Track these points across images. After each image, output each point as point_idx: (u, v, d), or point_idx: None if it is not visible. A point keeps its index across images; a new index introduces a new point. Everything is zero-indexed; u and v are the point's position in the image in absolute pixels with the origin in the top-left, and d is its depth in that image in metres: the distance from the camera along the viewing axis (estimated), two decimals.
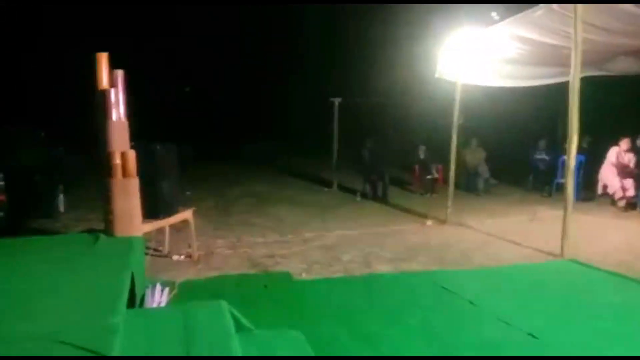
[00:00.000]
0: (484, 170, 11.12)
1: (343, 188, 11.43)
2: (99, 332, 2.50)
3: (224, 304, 3.23)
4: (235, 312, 3.33)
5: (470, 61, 8.08)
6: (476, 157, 11.26)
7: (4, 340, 2.43)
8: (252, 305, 4.25)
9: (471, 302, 4.40)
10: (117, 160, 4.64)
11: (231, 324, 3.09)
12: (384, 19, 17.82)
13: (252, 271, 5.53)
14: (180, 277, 5.18)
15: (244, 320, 3.36)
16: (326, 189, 11.60)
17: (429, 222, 7.98)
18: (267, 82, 20.39)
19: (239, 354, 2.70)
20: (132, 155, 4.71)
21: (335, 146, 11.78)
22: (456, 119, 8.23)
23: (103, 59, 4.78)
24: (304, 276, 5.32)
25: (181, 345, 2.68)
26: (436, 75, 8.50)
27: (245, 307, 3.67)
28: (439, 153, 10.39)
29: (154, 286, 4.28)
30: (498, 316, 4.08)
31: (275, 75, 20.26)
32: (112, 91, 4.69)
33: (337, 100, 11.70)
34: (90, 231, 4.86)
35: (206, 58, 20.14)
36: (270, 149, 17.58)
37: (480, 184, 10.96)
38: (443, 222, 7.97)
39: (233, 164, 15.93)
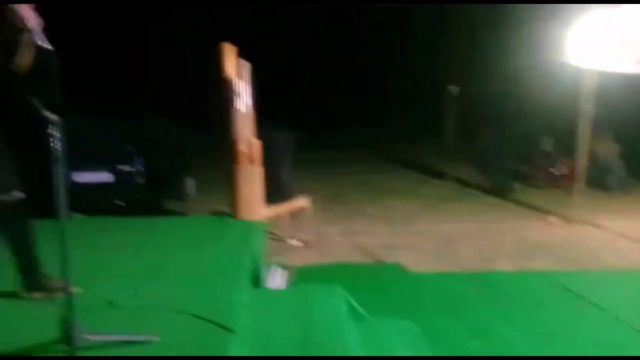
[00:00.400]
0: (617, 165, 10.27)
1: (459, 180, 11.13)
2: (224, 306, 2.69)
3: (339, 290, 3.32)
4: (350, 299, 3.41)
5: (606, 45, 7.45)
6: (608, 150, 10.42)
7: (139, 307, 2.69)
8: (364, 294, 4.30)
9: (596, 304, 4.14)
10: (243, 148, 4.90)
11: (346, 310, 3.18)
12: None
13: (365, 260, 5.60)
14: (297, 262, 5.37)
15: (358, 308, 3.44)
16: (440, 180, 11.37)
17: (552, 219, 7.55)
18: (376, 66, 20.04)
19: (355, 339, 2.78)
20: (256, 143, 4.96)
21: (449, 136, 11.47)
22: (586, 108, 7.67)
23: (229, 50, 5.04)
24: (418, 268, 5.29)
25: (299, 326, 2.80)
26: (563, 60, 7.93)
27: (358, 295, 3.72)
28: (565, 145, 9.75)
29: (273, 268, 4.50)
30: (624, 320, 3.80)
31: (385, 59, 19.89)
32: (239, 81, 4.95)
33: (455, 89, 11.36)
34: (217, 213, 5.21)
35: (313, 43, 20.13)
36: (380, 135, 17.39)
37: (613, 181, 10.14)
38: (568, 219, 7.50)
39: (341, 150, 16.00)
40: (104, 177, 6.93)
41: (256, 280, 3.89)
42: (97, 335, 2.20)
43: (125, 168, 7.25)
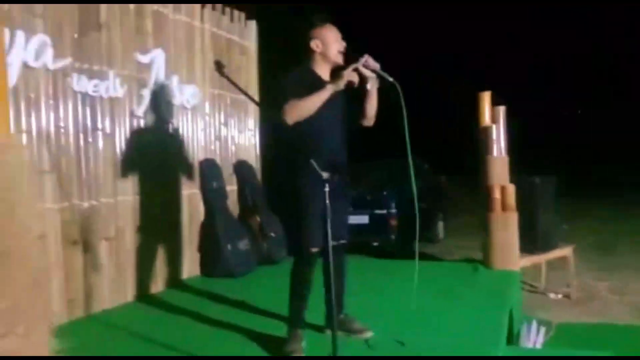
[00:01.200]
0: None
1: None
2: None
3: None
4: None
5: None
6: None
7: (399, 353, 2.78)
8: None
9: None
10: (497, 195, 4.77)
11: None
12: None
13: (637, 321, 4.84)
14: (557, 318, 4.92)
15: None
16: None
17: None
18: None
19: None
20: (511, 189, 4.77)
21: None
22: None
23: (486, 97, 5.01)
24: None
25: None
26: None
27: None
28: None
29: (530, 324, 4.20)
30: None
31: None
32: (494, 127, 4.87)
33: None
34: (470, 261, 5.12)
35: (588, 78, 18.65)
36: None
37: None
38: None
39: (616, 195, 14.23)
40: (359, 218, 7.43)
41: (511, 336, 3.68)
42: None
43: (381, 211, 7.68)
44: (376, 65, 2.84)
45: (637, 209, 12.08)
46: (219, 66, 2.78)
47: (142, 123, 4.24)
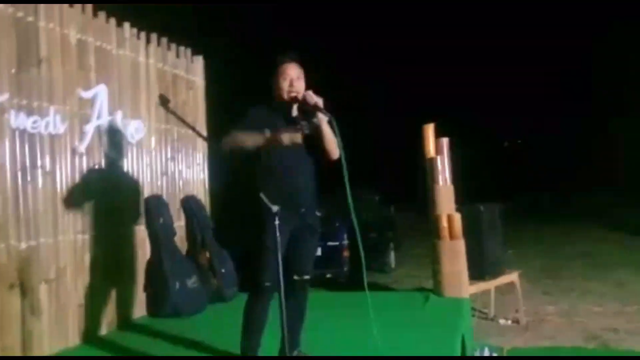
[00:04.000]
0: None
1: None
2: None
3: None
4: None
5: None
6: None
7: None
8: None
9: None
10: (444, 223, 4.86)
11: None
12: None
13: (589, 346, 4.97)
14: (508, 344, 5.00)
15: None
16: None
17: None
18: (592, 125, 18.51)
19: None
20: (457, 218, 4.88)
21: None
22: None
23: (429, 130, 5.15)
24: None
25: None
26: None
27: None
28: None
29: (482, 350, 4.25)
30: None
31: (602, 115, 18.28)
32: (439, 158, 4.99)
33: None
34: (420, 289, 5.17)
35: (525, 108, 19.53)
36: (603, 201, 15.69)
37: None
38: None
39: (559, 220, 14.79)
40: None
41: None
42: None
43: (333, 243, 7.68)
44: (314, 101, 2.87)
45: (581, 232, 12.56)
46: (163, 100, 2.77)
47: (84, 160, 4.12)
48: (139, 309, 4.63)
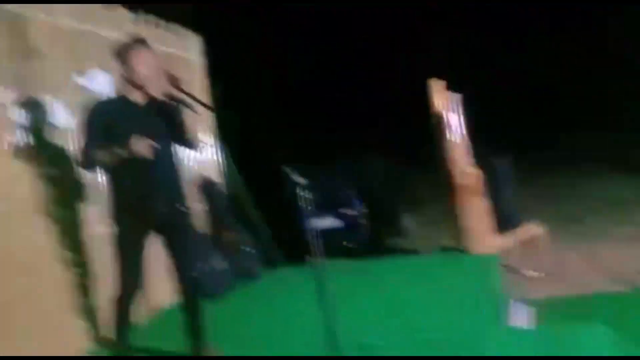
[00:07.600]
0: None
1: None
2: (478, 346, 2.58)
3: (602, 329, 2.95)
4: (615, 338, 3.00)
5: None
6: None
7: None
8: (630, 330, 3.73)
9: None
10: (461, 180, 4.78)
11: (613, 352, 2.80)
12: None
13: (616, 288, 4.93)
14: (537, 295, 4.94)
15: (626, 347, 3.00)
16: None
17: None
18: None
19: None
20: (476, 174, 4.80)
21: None
22: None
23: (439, 85, 5.03)
24: None
25: None
26: None
27: (621, 332, 3.24)
28: None
29: (515, 304, 4.21)
30: None
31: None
32: (449, 114, 4.89)
33: None
34: (444, 249, 5.12)
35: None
36: (607, 142, 15.20)
37: None
38: None
39: (567, 161, 14.34)
40: (332, 222, 7.34)
41: (498, 317, 3.67)
42: None
43: (349, 211, 7.61)
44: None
45: (596, 177, 12.31)
46: (172, 80, 2.69)
47: None
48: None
